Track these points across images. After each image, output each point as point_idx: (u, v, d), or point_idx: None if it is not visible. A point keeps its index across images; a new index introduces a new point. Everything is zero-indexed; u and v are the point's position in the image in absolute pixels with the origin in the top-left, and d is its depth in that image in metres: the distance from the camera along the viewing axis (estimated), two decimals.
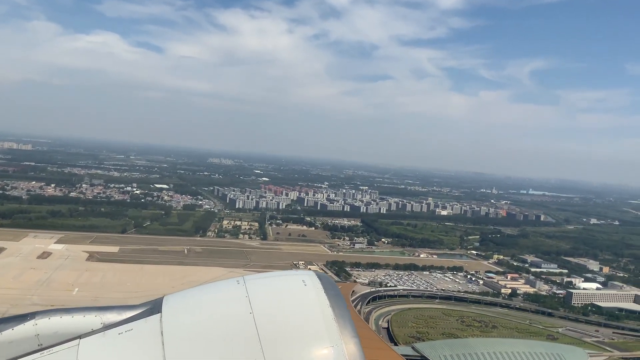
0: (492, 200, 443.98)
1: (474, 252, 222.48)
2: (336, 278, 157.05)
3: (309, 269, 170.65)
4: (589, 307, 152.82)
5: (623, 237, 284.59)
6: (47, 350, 5.12)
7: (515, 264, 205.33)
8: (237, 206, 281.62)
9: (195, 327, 4.70)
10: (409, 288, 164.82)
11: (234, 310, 4.68)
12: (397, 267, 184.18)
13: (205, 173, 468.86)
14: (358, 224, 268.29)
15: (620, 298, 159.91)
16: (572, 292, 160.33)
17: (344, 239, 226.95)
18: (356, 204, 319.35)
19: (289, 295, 4.86)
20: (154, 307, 5.14)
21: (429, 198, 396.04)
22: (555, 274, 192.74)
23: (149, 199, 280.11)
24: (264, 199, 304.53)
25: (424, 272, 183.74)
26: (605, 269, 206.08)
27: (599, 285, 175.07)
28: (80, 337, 5.10)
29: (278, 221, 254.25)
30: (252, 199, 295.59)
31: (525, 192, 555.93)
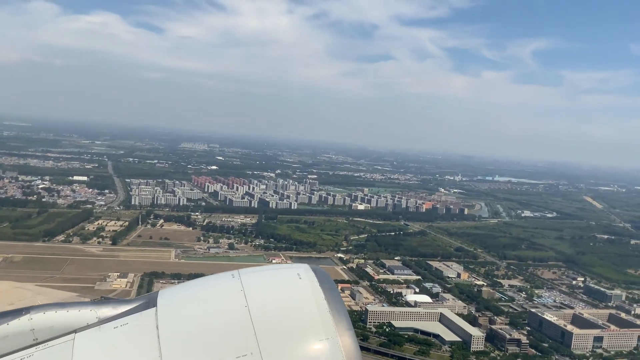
0: (441, 189, 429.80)
1: (341, 255, 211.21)
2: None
3: (119, 280, 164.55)
4: (384, 328, 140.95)
5: (532, 234, 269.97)
6: (43, 344, 5.19)
7: (368, 270, 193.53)
8: (132, 202, 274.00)
9: (191, 321, 4.76)
10: None
11: (229, 304, 4.73)
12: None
13: (154, 161, 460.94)
14: (251, 221, 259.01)
15: (424, 316, 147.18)
16: (367, 310, 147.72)
17: (208, 242, 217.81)
18: (268, 198, 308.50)
19: (283, 289, 4.92)
20: (149, 302, 5.21)
21: (365, 189, 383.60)
22: (399, 283, 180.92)
23: (48, 194, 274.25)
24: (169, 194, 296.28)
25: None
26: (465, 275, 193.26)
27: (429, 300, 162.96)
28: (75, 331, 5.14)
29: (158, 220, 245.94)
30: (154, 194, 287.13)
31: (490, 178, 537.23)
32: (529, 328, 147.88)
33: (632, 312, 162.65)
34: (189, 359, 4.43)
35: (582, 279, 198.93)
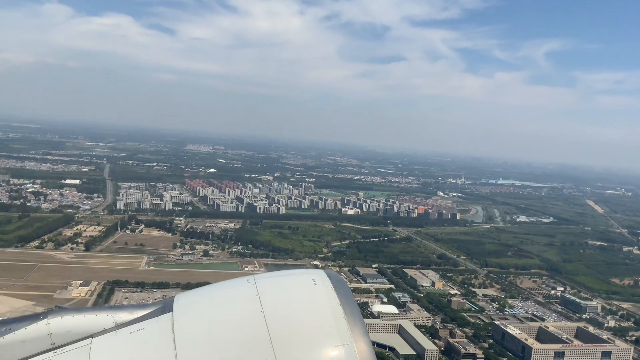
0: (440, 193, 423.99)
1: (317, 263, 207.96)
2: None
3: (80, 288, 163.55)
4: None
5: (522, 240, 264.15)
6: (60, 349, 5.22)
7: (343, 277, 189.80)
8: (117, 206, 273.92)
9: (206, 326, 4.76)
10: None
11: (245, 309, 4.72)
12: (188, 286, 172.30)
13: (153, 164, 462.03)
14: (235, 227, 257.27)
15: (384, 328, 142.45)
16: None
17: (184, 248, 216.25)
18: (256, 203, 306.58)
19: (299, 294, 4.90)
20: (165, 306, 5.22)
21: (360, 192, 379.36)
22: (369, 292, 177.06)
23: (35, 198, 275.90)
24: (156, 198, 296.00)
25: None
26: (439, 284, 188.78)
27: (395, 310, 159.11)
28: (92, 336, 5.20)
29: (139, 225, 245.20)
30: (140, 199, 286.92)
31: (494, 181, 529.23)
32: (491, 341, 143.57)
33: (605, 325, 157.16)
34: None
35: (562, 288, 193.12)
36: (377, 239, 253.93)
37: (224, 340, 4.51)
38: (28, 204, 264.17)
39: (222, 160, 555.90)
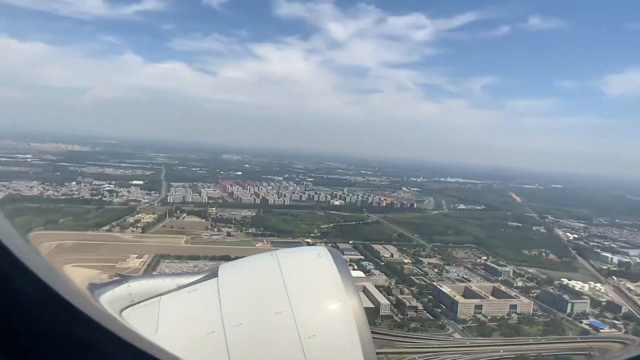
0: (404, 188, 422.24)
1: (309, 240, 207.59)
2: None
3: (135, 260, 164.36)
4: None
5: (460, 222, 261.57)
6: (137, 305, 5.37)
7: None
8: (168, 200, 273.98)
9: (242, 287, 4.92)
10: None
11: (269, 275, 4.85)
12: (213, 258, 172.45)
13: (197, 169, 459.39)
14: (251, 215, 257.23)
15: None
16: None
17: (213, 231, 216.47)
18: (268, 196, 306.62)
19: (308, 264, 5.03)
20: (212, 273, 5.32)
21: (345, 188, 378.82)
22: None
23: (109, 194, 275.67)
24: (196, 194, 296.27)
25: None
26: (397, 255, 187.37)
27: (362, 275, 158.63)
28: (160, 295, 5.36)
29: (181, 214, 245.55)
30: (184, 194, 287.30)
31: (444, 179, 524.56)
32: (430, 297, 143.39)
33: (515, 285, 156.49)
34: (240, 314, 4.60)
35: (485, 257, 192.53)
36: (354, 223, 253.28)
37: (254, 297, 4.64)
38: (104, 199, 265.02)
39: (247, 166, 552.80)
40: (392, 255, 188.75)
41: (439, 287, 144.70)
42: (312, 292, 4.69)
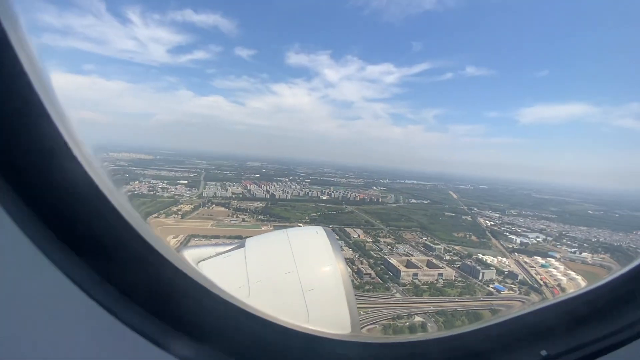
0: (374, 187, 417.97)
1: (300, 224, 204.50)
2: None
3: (172, 239, 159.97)
4: None
5: (411, 212, 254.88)
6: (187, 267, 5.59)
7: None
8: (203, 195, 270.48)
9: (262, 256, 4.40)
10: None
11: (281, 246, 4.31)
12: (230, 236, 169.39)
13: (227, 172, 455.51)
14: (262, 206, 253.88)
15: None
16: None
17: (232, 217, 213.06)
18: (275, 193, 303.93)
19: (309, 240, 4.40)
20: (241, 244, 4.66)
21: (331, 187, 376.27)
22: None
23: (162, 190, 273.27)
24: (223, 191, 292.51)
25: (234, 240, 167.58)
26: (362, 236, 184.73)
27: None
28: (204, 259, 4.64)
29: (211, 205, 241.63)
30: (215, 191, 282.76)
31: (404, 181, 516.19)
32: (382, 267, 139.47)
33: (443, 259, 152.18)
34: (260, 274, 4.16)
35: (425, 238, 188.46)
36: (335, 212, 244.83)
37: (271, 261, 4.34)
38: (157, 193, 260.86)
39: (264, 170, 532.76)
40: (358, 236, 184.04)
41: (388, 259, 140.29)
42: (311, 258, 4.17)
